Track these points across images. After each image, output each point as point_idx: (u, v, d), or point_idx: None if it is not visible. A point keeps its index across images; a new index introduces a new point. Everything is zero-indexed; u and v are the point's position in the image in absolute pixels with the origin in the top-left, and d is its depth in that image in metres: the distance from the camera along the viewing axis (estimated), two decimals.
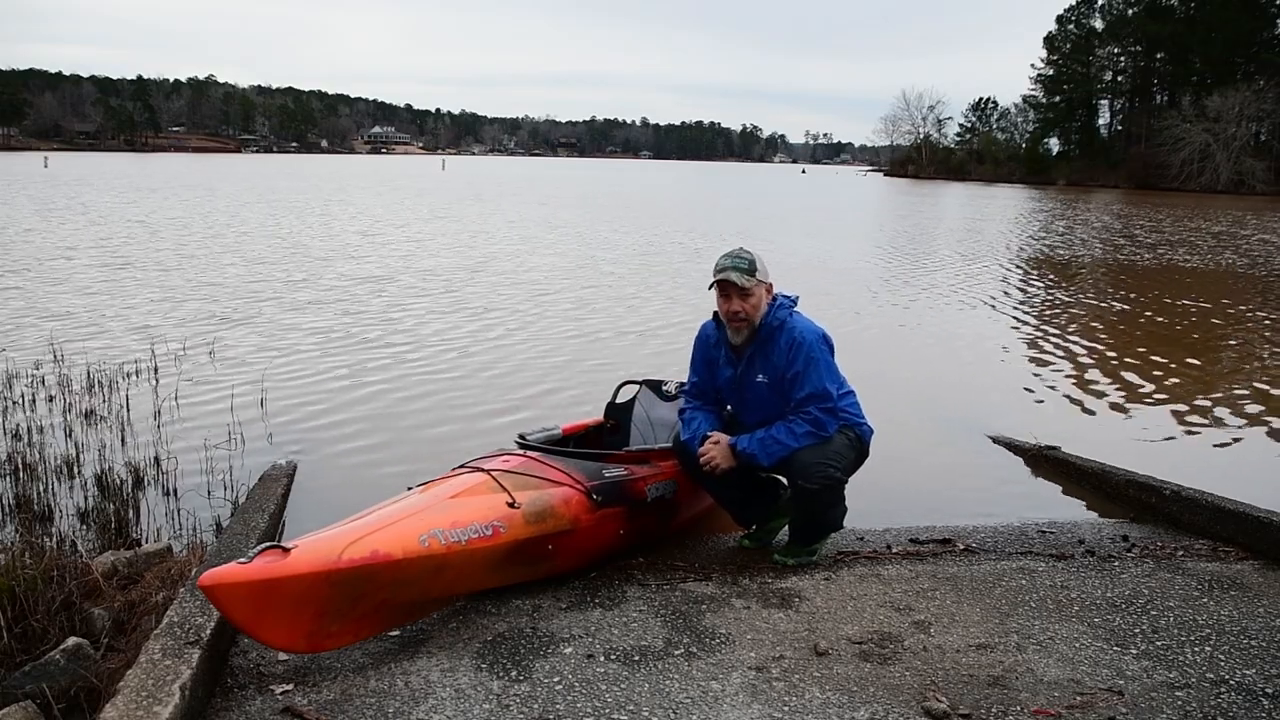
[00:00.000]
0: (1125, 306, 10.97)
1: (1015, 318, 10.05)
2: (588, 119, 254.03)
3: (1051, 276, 14.00)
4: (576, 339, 8.24)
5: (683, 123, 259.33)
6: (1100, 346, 8.45)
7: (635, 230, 20.70)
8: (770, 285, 3.30)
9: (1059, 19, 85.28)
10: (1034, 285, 12.95)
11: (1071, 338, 8.87)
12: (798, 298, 3.38)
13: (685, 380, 3.76)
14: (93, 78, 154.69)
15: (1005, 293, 11.95)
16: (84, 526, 3.89)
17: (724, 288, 3.24)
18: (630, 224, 22.63)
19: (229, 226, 18.83)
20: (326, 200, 29.51)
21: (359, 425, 5.49)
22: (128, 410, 5.53)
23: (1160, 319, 10.09)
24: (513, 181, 52.51)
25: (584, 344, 8.03)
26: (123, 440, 5.06)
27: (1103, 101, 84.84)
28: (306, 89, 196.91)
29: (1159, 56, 79.19)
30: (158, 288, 10.51)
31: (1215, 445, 5.52)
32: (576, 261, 14.24)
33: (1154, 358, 7.96)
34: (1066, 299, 11.54)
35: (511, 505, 2.84)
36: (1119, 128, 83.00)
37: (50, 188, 32.55)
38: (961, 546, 3.60)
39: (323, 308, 9.47)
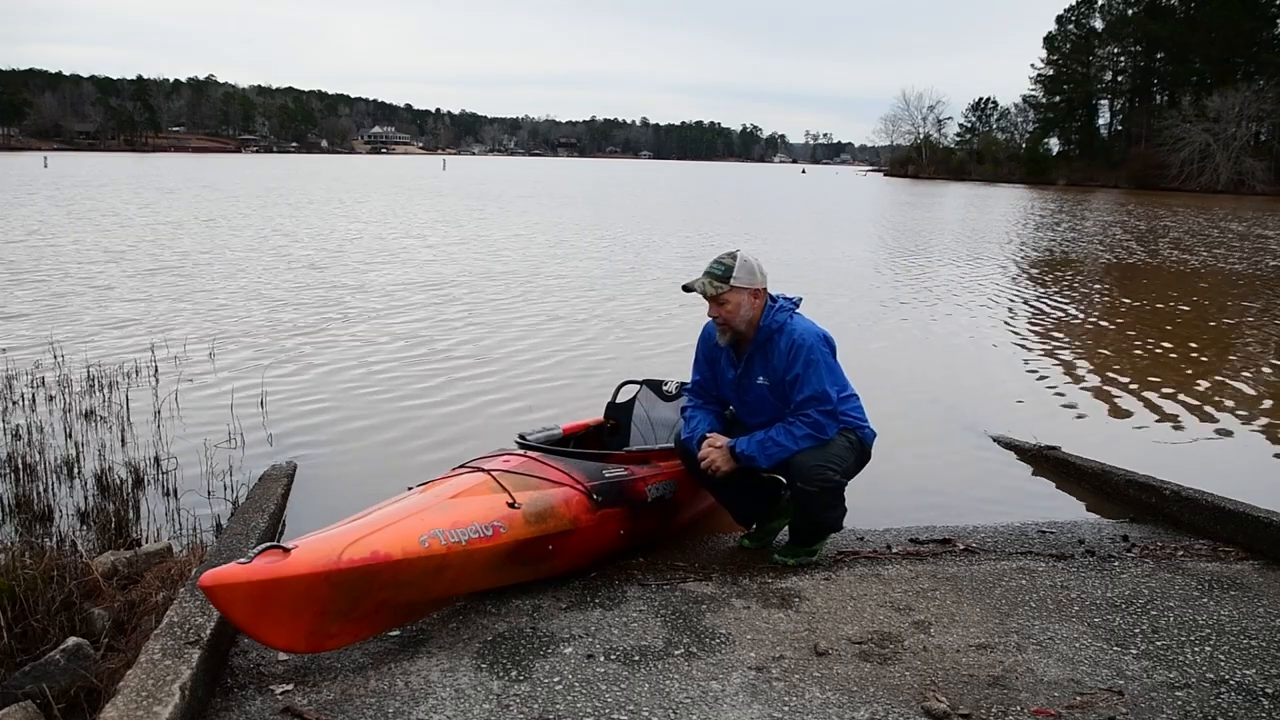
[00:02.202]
0: (1127, 307, 10.97)
1: (1016, 318, 10.04)
2: (588, 119, 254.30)
3: (1052, 277, 14.00)
4: (656, 351, 7.75)
5: (683, 123, 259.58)
6: (1101, 346, 8.46)
7: (661, 231, 20.58)
8: (759, 289, 3.22)
9: (1059, 19, 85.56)
10: (1035, 286, 12.94)
11: (1072, 338, 8.87)
12: (800, 299, 3.35)
13: (685, 380, 3.77)
14: (93, 78, 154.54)
15: (1006, 293, 11.95)
16: (84, 526, 3.89)
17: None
18: (655, 225, 22.45)
19: (259, 229, 18.62)
20: (344, 201, 29.42)
21: (359, 425, 5.49)
22: (128, 410, 5.53)
23: (1161, 320, 10.08)
24: (521, 182, 52.06)
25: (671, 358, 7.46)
26: (123, 440, 5.06)
27: (1103, 101, 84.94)
28: (306, 89, 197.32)
29: (1159, 56, 79.23)
30: (168, 288, 10.52)
31: (1215, 445, 5.52)
32: (628, 264, 14.03)
33: (1154, 358, 7.96)
34: (1067, 300, 11.53)
35: (512, 505, 2.84)
36: (1119, 128, 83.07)
37: (70, 188, 32.42)
38: (961, 546, 3.60)
39: (334, 310, 9.48)
